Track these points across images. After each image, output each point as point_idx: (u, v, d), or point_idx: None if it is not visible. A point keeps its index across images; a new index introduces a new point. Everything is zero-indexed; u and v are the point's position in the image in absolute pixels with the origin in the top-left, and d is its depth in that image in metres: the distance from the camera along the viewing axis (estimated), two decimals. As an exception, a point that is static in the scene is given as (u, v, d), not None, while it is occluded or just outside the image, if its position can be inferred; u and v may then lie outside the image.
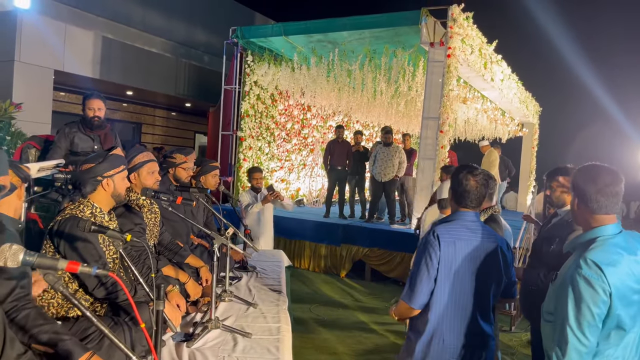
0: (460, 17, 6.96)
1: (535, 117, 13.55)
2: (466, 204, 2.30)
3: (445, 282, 2.19)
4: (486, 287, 2.25)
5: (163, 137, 16.24)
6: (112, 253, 2.46)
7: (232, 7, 15.50)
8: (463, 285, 2.20)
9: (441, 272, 2.18)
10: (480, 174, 2.30)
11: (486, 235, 2.28)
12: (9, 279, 1.76)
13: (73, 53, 9.89)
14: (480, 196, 2.29)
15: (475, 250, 2.22)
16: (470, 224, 2.28)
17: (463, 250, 2.20)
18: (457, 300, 2.20)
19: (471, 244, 2.22)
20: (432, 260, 2.19)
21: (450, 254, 2.19)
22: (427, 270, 2.19)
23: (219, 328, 2.70)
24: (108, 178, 2.43)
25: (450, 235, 2.22)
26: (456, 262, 2.19)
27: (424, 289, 2.19)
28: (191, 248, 3.73)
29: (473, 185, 2.27)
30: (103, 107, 4.26)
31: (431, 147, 7.12)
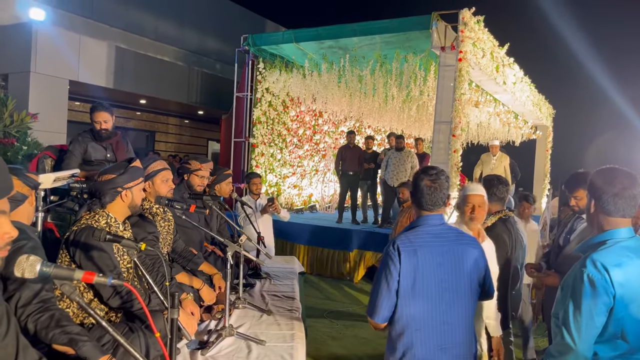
0: (471, 21, 6.93)
1: (549, 120, 13.42)
2: (424, 206, 2.17)
3: (410, 294, 2.09)
4: (461, 293, 2.14)
5: (176, 144, 16.38)
6: (126, 262, 2.48)
7: (243, 15, 15.64)
8: (431, 294, 2.10)
9: (403, 284, 2.08)
10: (434, 174, 2.17)
11: (454, 237, 2.18)
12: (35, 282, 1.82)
13: (87, 63, 10.03)
14: (437, 197, 2.15)
15: (441, 255, 2.11)
16: (434, 228, 2.17)
17: (427, 257, 2.10)
18: (427, 311, 2.10)
19: (436, 249, 2.12)
20: (392, 273, 2.09)
21: (412, 263, 2.08)
22: (386, 283, 2.10)
23: (233, 335, 2.71)
24: (127, 189, 2.47)
25: (412, 244, 2.11)
26: (420, 271, 2.08)
27: (384, 303, 2.10)
28: (205, 255, 3.75)
29: (427, 184, 2.15)
30: (110, 119, 4.29)
31: (443, 151, 7.08)
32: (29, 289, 1.82)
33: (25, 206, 2.00)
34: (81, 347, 1.75)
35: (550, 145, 13.57)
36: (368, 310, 2.17)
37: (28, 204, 2.02)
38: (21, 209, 1.98)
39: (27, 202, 2.01)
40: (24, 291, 1.81)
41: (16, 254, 1.37)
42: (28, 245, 1.81)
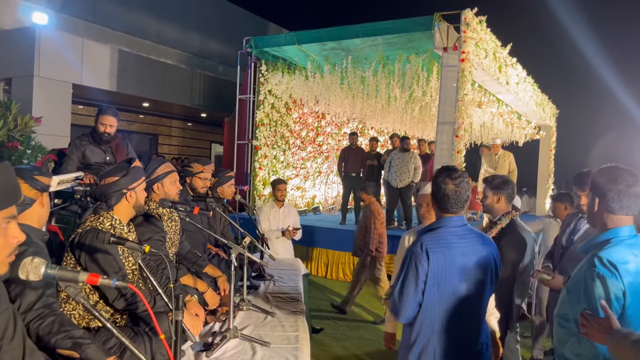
0: (474, 21, 6.93)
1: (552, 120, 13.38)
2: (447, 209, 2.20)
3: (435, 294, 2.11)
4: (480, 294, 2.17)
5: (179, 147, 16.42)
6: (131, 264, 2.48)
7: (246, 18, 15.68)
8: (454, 295, 2.12)
9: (430, 284, 2.10)
10: (458, 177, 2.19)
11: (476, 239, 2.21)
12: (36, 287, 1.82)
13: (90, 67, 10.07)
14: (461, 200, 2.18)
15: (465, 256, 2.14)
16: (457, 229, 2.19)
17: (452, 258, 2.12)
18: (449, 311, 2.12)
19: (460, 250, 2.14)
20: (419, 274, 2.10)
21: (440, 264, 2.10)
22: (414, 284, 2.11)
23: (238, 337, 2.71)
24: (131, 190, 2.49)
25: (438, 244, 2.13)
26: (446, 272, 2.11)
27: (411, 303, 2.12)
28: (209, 257, 3.75)
29: (452, 189, 2.17)
30: (115, 124, 4.31)
31: (447, 152, 7.07)
32: (30, 295, 1.81)
33: (35, 209, 1.99)
34: (85, 349, 1.75)
35: (553, 145, 13.53)
36: (392, 309, 2.20)
37: (38, 206, 2.00)
38: (29, 212, 1.97)
39: (37, 204, 2.00)
40: (25, 297, 1.80)
41: (19, 258, 1.37)
42: (29, 251, 1.81)
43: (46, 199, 2.08)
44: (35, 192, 1.98)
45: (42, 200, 2.03)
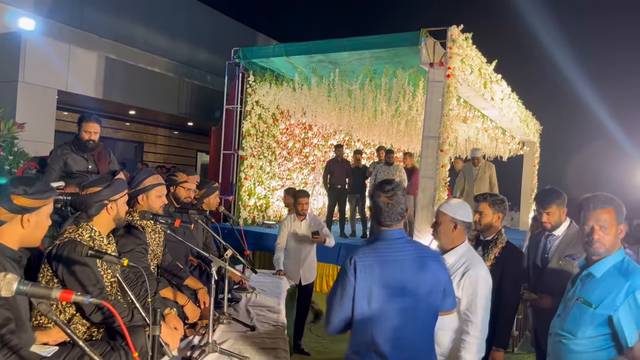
0: (460, 38, 7.02)
1: (536, 136, 13.57)
2: (382, 222, 2.18)
3: (366, 309, 2.07)
4: (419, 307, 2.11)
5: (165, 155, 16.32)
6: (110, 276, 2.46)
7: (235, 28, 15.71)
8: (390, 312, 2.07)
9: (359, 299, 2.06)
10: (391, 190, 2.18)
11: (416, 252, 2.16)
12: None
13: (76, 73, 10.00)
14: (394, 212, 2.15)
15: (400, 270, 2.09)
16: (393, 242, 2.15)
17: (384, 272, 2.08)
18: (386, 329, 2.07)
19: (394, 264, 2.09)
20: (347, 288, 2.08)
21: (368, 279, 2.06)
22: (340, 296, 2.09)
23: (217, 352, 2.68)
24: (113, 202, 2.46)
25: (368, 259, 2.09)
26: (377, 286, 2.06)
27: (334, 316, 2.11)
28: (190, 270, 3.72)
29: (384, 201, 2.15)
30: (99, 131, 4.30)
31: (432, 166, 7.12)
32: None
33: (9, 229, 1.87)
34: None
35: (537, 160, 13.71)
36: (325, 321, 2.19)
37: (14, 226, 1.88)
38: (4, 231, 1.86)
39: (13, 225, 1.88)
40: None
41: None
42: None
43: (34, 218, 1.92)
44: (5, 212, 1.86)
45: (21, 221, 1.89)
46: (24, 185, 1.88)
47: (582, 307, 2.12)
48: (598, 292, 2.09)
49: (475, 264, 2.56)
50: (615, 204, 2.17)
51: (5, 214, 1.86)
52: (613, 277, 2.09)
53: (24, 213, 1.89)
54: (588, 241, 2.17)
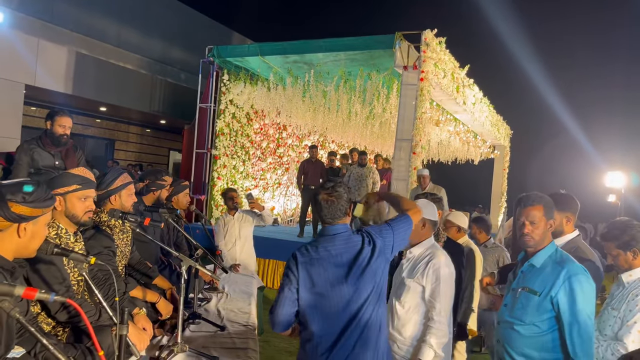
0: (433, 42, 7.12)
1: (507, 140, 13.85)
2: (324, 220, 2.25)
3: (311, 304, 2.14)
4: (363, 301, 2.14)
5: (137, 153, 16.05)
6: (76, 275, 2.41)
7: (209, 26, 15.57)
8: (331, 305, 2.12)
9: (302, 294, 2.14)
10: (330, 187, 2.23)
11: (353, 243, 2.19)
12: None
13: (45, 68, 9.77)
14: (335, 209, 2.20)
15: (341, 264, 2.14)
16: (335, 237, 2.19)
17: (325, 268, 2.13)
18: (328, 324, 2.12)
19: (335, 259, 2.15)
20: (290, 284, 2.16)
21: (309, 274, 2.14)
22: (283, 292, 2.16)
23: (185, 352, 2.66)
24: (59, 196, 2.35)
25: (309, 254, 2.17)
26: (319, 282, 2.13)
27: (281, 312, 2.16)
28: (160, 268, 3.68)
29: (324, 198, 2.22)
30: (71, 125, 4.23)
31: (404, 168, 7.20)
32: None
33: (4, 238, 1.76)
34: None
35: (507, 164, 13.99)
36: (269, 320, 2.23)
37: (8, 235, 1.77)
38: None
39: (7, 234, 1.77)
40: None
41: None
42: None
43: (30, 227, 1.80)
44: (1, 220, 1.73)
45: (17, 230, 1.78)
46: (22, 193, 1.76)
47: (528, 295, 2.32)
48: (540, 280, 2.30)
49: (438, 255, 2.71)
50: (544, 201, 2.38)
51: (1, 222, 1.73)
52: (550, 266, 2.31)
53: (20, 222, 1.77)
54: (520, 234, 2.40)
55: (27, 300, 2.01)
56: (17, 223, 1.76)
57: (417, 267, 2.69)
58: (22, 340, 2.03)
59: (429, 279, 2.63)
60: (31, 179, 3.36)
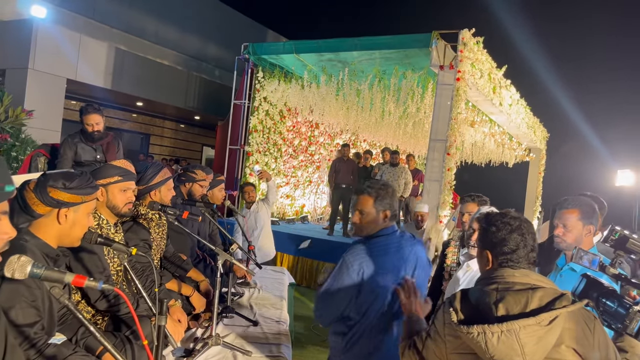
0: (471, 42, 7.00)
1: (543, 143, 13.52)
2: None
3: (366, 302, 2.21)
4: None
5: (171, 148, 16.34)
6: (116, 265, 2.46)
7: (245, 23, 15.72)
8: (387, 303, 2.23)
9: (362, 292, 2.21)
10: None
11: (408, 243, 2.30)
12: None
13: (86, 63, 10.03)
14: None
15: (397, 262, 2.24)
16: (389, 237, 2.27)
17: (384, 266, 2.21)
18: (383, 319, 2.22)
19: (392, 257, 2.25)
20: (350, 285, 2.20)
21: (369, 273, 2.21)
22: (340, 293, 2.19)
23: (219, 345, 2.69)
24: (101, 187, 2.40)
25: (369, 253, 2.24)
26: (377, 279, 2.20)
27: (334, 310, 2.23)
28: (195, 262, 3.73)
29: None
30: (101, 121, 4.29)
31: (438, 169, 7.11)
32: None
33: (48, 224, 1.82)
34: None
35: (543, 168, 13.66)
36: (317, 313, 2.25)
37: (51, 221, 1.83)
38: (42, 226, 1.81)
39: (50, 220, 1.83)
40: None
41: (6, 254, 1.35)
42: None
43: (71, 214, 1.84)
44: (43, 206, 1.79)
45: (57, 216, 1.83)
46: (63, 179, 1.83)
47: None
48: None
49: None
50: (581, 205, 2.40)
51: (43, 207, 1.79)
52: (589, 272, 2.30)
53: (60, 207, 1.82)
54: (555, 236, 2.45)
55: (69, 288, 2.07)
56: (56, 208, 1.82)
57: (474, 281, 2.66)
58: (64, 327, 2.09)
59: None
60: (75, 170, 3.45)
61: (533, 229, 1.67)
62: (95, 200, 2.01)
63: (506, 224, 1.64)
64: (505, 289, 1.52)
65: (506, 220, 1.65)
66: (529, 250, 1.62)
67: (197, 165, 3.99)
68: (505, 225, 1.64)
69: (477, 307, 1.54)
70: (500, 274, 1.58)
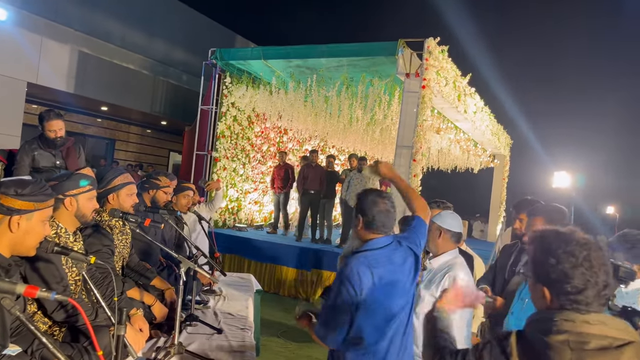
0: (436, 50, 7.14)
1: (507, 149, 13.87)
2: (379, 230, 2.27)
3: (367, 315, 2.18)
4: (410, 308, 2.30)
5: (137, 154, 16.06)
6: (74, 275, 2.40)
7: (213, 28, 15.60)
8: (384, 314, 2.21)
9: (361, 305, 2.16)
10: (386, 197, 2.30)
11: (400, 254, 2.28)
12: None
13: (48, 66, 9.79)
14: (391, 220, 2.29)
15: (394, 274, 2.23)
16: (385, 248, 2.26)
17: (382, 277, 2.18)
18: (380, 331, 2.19)
19: (389, 268, 2.23)
20: (350, 295, 2.15)
21: (369, 284, 2.16)
22: (342, 305, 2.13)
23: (182, 353, 2.65)
24: (71, 197, 2.38)
25: (368, 264, 2.20)
26: (377, 291, 2.17)
27: (338, 327, 2.16)
28: (159, 270, 3.67)
29: (384, 208, 2.25)
30: (63, 126, 4.21)
31: (404, 175, 7.19)
32: None
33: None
34: None
35: (507, 174, 14.00)
36: (319, 333, 2.15)
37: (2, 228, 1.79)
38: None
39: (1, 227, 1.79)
40: None
41: None
42: None
43: (24, 222, 1.80)
44: None
45: (9, 224, 1.79)
46: (15, 186, 1.78)
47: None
48: None
49: (456, 267, 2.69)
50: (546, 212, 2.45)
51: None
52: None
53: (12, 215, 1.77)
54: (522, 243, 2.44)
55: (24, 299, 2.01)
56: (7, 215, 1.77)
57: (434, 279, 2.70)
58: (18, 339, 2.03)
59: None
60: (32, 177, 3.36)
61: (605, 257, 1.31)
62: (50, 208, 1.96)
63: (569, 255, 1.28)
64: (580, 346, 1.19)
65: (570, 250, 1.29)
66: (601, 288, 1.26)
67: (161, 171, 3.94)
68: (568, 257, 1.28)
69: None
70: (567, 318, 1.25)
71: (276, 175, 9.98)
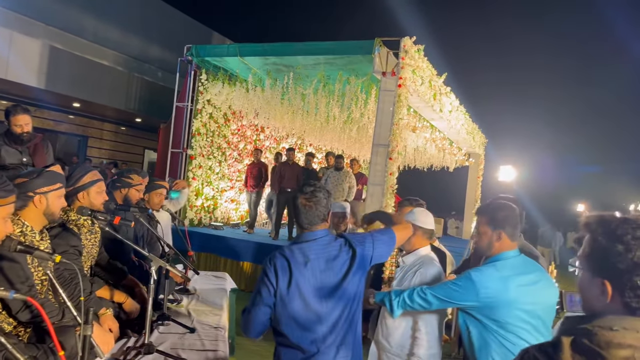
0: (412, 49, 7.17)
1: (481, 148, 14.04)
2: (303, 226, 2.25)
3: (284, 309, 2.19)
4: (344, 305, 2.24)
5: (111, 151, 15.78)
6: (41, 274, 2.35)
7: (189, 25, 15.42)
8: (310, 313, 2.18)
9: (278, 299, 2.18)
10: (310, 192, 2.23)
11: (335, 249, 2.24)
12: None
13: (18, 61, 9.54)
14: (313, 215, 2.21)
15: (319, 271, 2.19)
16: (312, 243, 2.22)
17: (303, 274, 2.16)
18: (306, 331, 2.16)
19: (312, 264, 2.19)
20: (267, 290, 2.18)
21: (288, 279, 2.17)
22: (260, 299, 2.17)
23: (153, 353, 2.61)
24: (41, 195, 2.33)
25: (288, 258, 2.21)
26: (297, 286, 2.15)
27: (256, 319, 2.19)
28: (131, 268, 3.61)
29: (303, 203, 2.22)
30: (30, 121, 4.11)
31: (380, 173, 7.21)
32: None
33: None
34: None
35: (481, 172, 14.18)
36: (241, 325, 2.18)
37: None
38: None
39: None
40: None
41: None
42: None
43: None
44: None
45: None
46: None
47: None
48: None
49: (428, 264, 2.71)
50: (487, 211, 2.45)
51: None
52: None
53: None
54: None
55: None
56: None
57: (406, 276, 2.71)
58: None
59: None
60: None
61: None
62: (12, 205, 1.90)
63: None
64: None
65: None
66: None
67: (132, 169, 3.87)
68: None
69: None
70: (631, 327, 0.99)
71: (249, 173, 9.92)
